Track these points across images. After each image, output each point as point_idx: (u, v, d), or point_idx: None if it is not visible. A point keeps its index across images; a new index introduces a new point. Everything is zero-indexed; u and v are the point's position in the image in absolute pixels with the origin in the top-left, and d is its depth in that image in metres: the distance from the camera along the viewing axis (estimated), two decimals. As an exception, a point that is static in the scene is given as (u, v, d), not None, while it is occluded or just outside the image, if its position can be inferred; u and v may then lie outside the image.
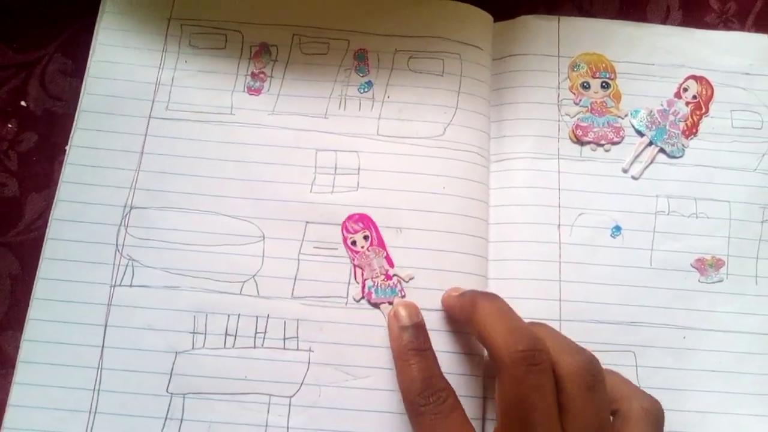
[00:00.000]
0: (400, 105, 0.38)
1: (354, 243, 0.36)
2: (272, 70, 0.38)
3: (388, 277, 0.35)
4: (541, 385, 0.28)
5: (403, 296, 0.35)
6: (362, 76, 0.38)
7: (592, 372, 0.29)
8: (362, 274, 0.35)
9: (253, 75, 0.38)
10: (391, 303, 0.35)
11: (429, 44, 0.39)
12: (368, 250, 0.35)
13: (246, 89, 0.38)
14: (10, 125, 0.38)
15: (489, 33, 0.40)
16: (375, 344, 0.34)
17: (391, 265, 0.35)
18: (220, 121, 0.37)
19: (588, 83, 0.39)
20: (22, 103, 0.38)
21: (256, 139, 0.37)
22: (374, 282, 0.35)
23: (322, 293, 0.35)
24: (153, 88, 0.37)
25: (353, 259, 0.35)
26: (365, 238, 0.36)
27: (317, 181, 0.36)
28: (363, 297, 0.35)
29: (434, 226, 0.36)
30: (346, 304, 0.35)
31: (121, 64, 0.38)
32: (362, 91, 0.38)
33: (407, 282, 0.35)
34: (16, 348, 0.33)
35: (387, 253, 0.35)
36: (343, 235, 0.36)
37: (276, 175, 0.36)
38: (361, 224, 0.36)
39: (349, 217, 0.36)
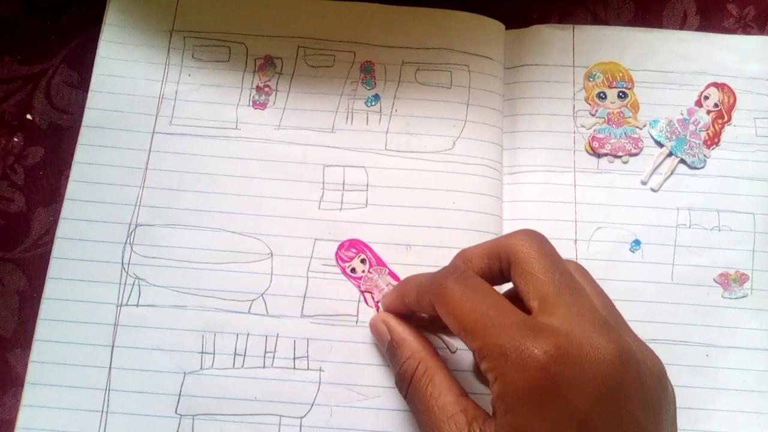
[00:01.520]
0: (407, 119, 0.37)
1: (353, 270, 0.35)
2: (277, 84, 0.37)
3: None
4: (467, 279, 0.27)
5: None
6: (369, 89, 0.37)
7: (537, 237, 0.28)
8: (373, 298, 0.34)
9: (258, 88, 0.37)
10: None
11: (436, 56, 0.38)
12: (370, 272, 0.35)
13: (251, 103, 0.37)
14: (16, 139, 0.37)
15: (501, 42, 0.39)
16: (386, 363, 0.33)
17: (397, 279, 0.35)
18: (225, 136, 0.36)
19: (604, 93, 0.38)
20: (28, 116, 0.38)
21: (262, 154, 0.36)
22: None
23: (332, 312, 0.34)
24: (156, 103, 0.37)
25: (359, 286, 0.35)
26: (362, 261, 0.35)
27: (325, 198, 0.36)
28: None
29: (444, 243, 0.35)
30: (357, 322, 0.34)
31: (123, 78, 0.37)
32: (369, 104, 0.37)
33: None
34: (25, 366, 0.33)
35: (389, 269, 0.35)
36: (339, 266, 0.35)
37: (283, 192, 0.36)
38: (354, 250, 0.35)
39: (340, 246, 0.35)
